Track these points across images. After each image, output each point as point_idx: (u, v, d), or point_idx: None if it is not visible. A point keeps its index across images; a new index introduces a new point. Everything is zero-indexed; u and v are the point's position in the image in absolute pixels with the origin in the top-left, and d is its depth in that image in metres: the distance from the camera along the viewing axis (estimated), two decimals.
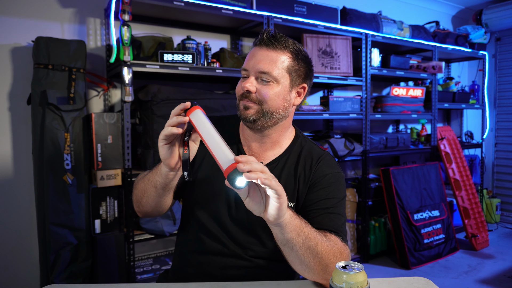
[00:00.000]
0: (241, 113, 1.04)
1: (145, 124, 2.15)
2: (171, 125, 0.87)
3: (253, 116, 1.02)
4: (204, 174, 1.09)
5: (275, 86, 1.02)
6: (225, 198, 1.06)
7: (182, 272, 1.10)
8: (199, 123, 0.87)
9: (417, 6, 4.05)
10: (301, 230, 0.84)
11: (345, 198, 1.07)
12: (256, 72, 1.01)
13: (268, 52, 1.02)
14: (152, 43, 2.27)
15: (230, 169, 0.76)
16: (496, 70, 4.53)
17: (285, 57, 1.02)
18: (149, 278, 2.20)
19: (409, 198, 3.12)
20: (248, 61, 1.03)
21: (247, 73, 1.03)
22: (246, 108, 1.03)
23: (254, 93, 1.01)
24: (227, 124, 1.17)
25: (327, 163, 1.08)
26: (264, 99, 1.01)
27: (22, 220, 2.16)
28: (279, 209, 0.79)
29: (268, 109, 1.02)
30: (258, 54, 1.02)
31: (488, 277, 2.83)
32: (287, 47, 1.03)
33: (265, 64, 1.00)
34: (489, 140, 4.52)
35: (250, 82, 1.01)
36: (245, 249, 1.05)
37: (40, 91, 1.94)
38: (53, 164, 1.95)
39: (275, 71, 1.00)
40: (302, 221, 0.86)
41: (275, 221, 0.81)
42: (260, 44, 1.03)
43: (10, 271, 2.14)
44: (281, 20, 2.56)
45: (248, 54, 1.06)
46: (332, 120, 3.34)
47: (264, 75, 1.00)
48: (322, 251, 0.86)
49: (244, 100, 1.03)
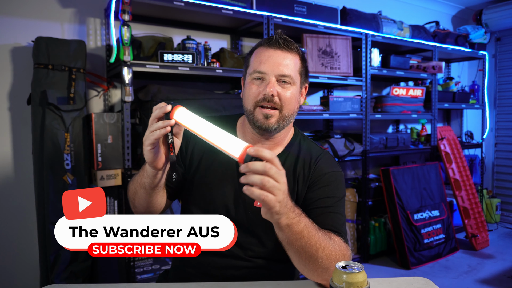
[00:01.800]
0: (260, 123, 1.01)
1: (145, 124, 2.15)
2: (156, 130, 0.85)
3: (275, 125, 1.01)
4: (201, 174, 1.09)
5: (293, 88, 1.02)
6: (223, 198, 1.06)
7: (181, 272, 1.10)
8: (189, 121, 0.85)
9: (417, 6, 4.05)
10: (301, 236, 0.82)
11: (344, 197, 1.07)
12: (276, 75, 0.99)
13: (285, 54, 1.01)
14: (152, 43, 2.27)
15: (242, 157, 0.75)
16: (496, 70, 4.53)
17: (297, 59, 1.04)
18: (149, 278, 2.20)
19: (409, 198, 3.12)
20: (264, 64, 1.00)
21: (265, 75, 1.00)
22: (268, 117, 1.00)
23: (277, 97, 0.99)
24: (224, 124, 1.15)
25: (326, 161, 1.08)
26: (285, 103, 1.00)
27: (22, 220, 2.16)
28: (265, 212, 0.78)
29: (287, 113, 1.02)
30: (275, 56, 1.00)
31: (488, 277, 2.83)
32: (297, 50, 1.04)
33: (285, 66, 1.00)
34: (489, 140, 4.52)
35: (273, 86, 0.99)
36: (244, 250, 1.04)
37: (40, 91, 1.94)
38: (53, 164, 1.95)
39: (293, 73, 1.01)
40: (306, 227, 0.83)
41: (268, 219, 0.80)
42: (275, 46, 1.01)
43: (10, 271, 2.14)
44: (281, 20, 2.56)
45: (256, 55, 1.03)
46: (332, 120, 3.34)
47: (286, 78, 1.00)
48: (322, 256, 0.85)
49: (264, 107, 1.00)
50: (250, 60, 1.06)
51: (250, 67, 1.05)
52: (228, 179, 1.06)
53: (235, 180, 1.06)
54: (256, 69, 1.01)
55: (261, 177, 0.73)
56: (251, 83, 1.03)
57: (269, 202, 0.74)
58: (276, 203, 0.75)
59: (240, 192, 1.04)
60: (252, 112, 1.02)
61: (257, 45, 1.07)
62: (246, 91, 1.04)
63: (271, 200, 0.74)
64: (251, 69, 1.03)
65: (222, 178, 1.07)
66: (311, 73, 2.74)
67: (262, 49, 1.03)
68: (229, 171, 1.07)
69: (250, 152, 0.74)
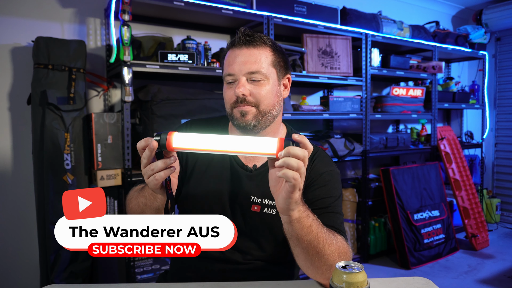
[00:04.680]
0: (238, 121, 1.00)
1: (145, 124, 2.15)
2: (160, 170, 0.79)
3: (253, 121, 0.99)
4: (196, 181, 1.07)
5: (266, 83, 1.00)
6: (220, 204, 1.04)
7: (180, 277, 1.09)
8: (195, 144, 0.78)
9: (417, 6, 4.05)
10: (310, 230, 0.83)
11: (341, 196, 1.06)
12: (245, 74, 0.98)
13: (250, 51, 0.99)
14: (152, 43, 2.27)
15: (281, 147, 0.75)
16: (496, 70, 4.53)
17: (267, 52, 1.01)
18: (149, 278, 2.20)
19: (409, 198, 3.12)
20: (231, 65, 0.99)
21: (234, 77, 0.99)
22: (244, 115, 0.99)
23: (249, 96, 0.98)
24: (215, 125, 1.14)
25: (322, 160, 1.07)
26: (260, 99, 0.99)
27: (22, 220, 2.16)
28: (284, 201, 0.77)
29: (265, 108, 1.00)
30: (241, 55, 0.99)
31: (488, 277, 2.83)
32: (266, 42, 1.01)
33: (252, 63, 0.98)
34: (489, 140, 4.52)
35: (243, 86, 0.97)
36: (243, 254, 1.03)
37: (40, 91, 1.94)
38: (53, 164, 1.95)
39: (264, 68, 0.99)
40: (313, 221, 0.84)
41: (283, 211, 0.79)
42: (239, 45, 1.00)
43: (10, 271, 2.14)
44: (281, 20, 2.56)
45: (226, 59, 1.02)
46: (332, 120, 3.34)
47: (255, 75, 0.98)
48: (328, 252, 0.85)
49: (239, 106, 0.99)
50: (223, 65, 1.05)
51: (223, 72, 1.04)
52: (224, 184, 1.05)
53: (230, 185, 1.05)
54: (226, 72, 1.00)
55: (298, 161, 0.73)
56: (226, 87, 1.03)
57: (297, 185, 0.74)
58: (298, 190, 0.76)
59: (236, 197, 1.04)
60: (231, 114, 1.02)
61: (226, 49, 1.05)
62: (224, 97, 1.04)
63: (298, 184, 0.74)
64: (223, 74, 1.03)
65: (218, 183, 1.05)
66: (311, 73, 2.74)
67: (230, 51, 1.02)
68: (224, 176, 1.06)
69: (296, 138, 0.75)
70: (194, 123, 1.15)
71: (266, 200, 1.03)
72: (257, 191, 1.03)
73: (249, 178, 1.05)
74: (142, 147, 0.80)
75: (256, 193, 1.03)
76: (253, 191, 1.03)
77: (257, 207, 1.03)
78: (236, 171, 1.06)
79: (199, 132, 0.85)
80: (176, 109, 2.15)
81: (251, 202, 1.03)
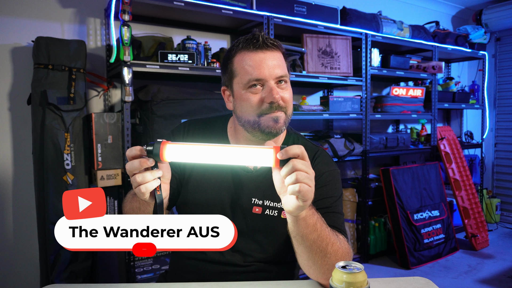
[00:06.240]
0: (271, 128, 0.95)
1: (145, 124, 2.15)
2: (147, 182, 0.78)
3: (283, 126, 0.97)
4: (195, 183, 1.05)
5: (289, 87, 1.00)
6: (220, 207, 1.03)
7: (179, 278, 1.08)
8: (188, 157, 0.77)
9: (417, 6, 4.05)
10: (314, 229, 0.83)
11: (342, 195, 1.06)
12: (274, 78, 0.95)
13: (274, 54, 0.97)
14: (152, 43, 2.27)
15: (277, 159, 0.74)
16: (496, 70, 4.53)
17: (283, 56, 1.01)
18: (149, 278, 2.20)
19: (409, 198, 3.12)
20: (259, 69, 0.94)
21: (262, 82, 0.94)
22: (277, 121, 0.95)
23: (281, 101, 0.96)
24: (214, 125, 1.12)
25: (323, 160, 1.06)
26: (288, 103, 0.97)
27: (22, 220, 2.16)
28: (300, 206, 0.76)
29: (290, 113, 0.99)
30: (267, 59, 0.95)
31: (488, 277, 2.83)
32: (281, 45, 1.00)
33: (280, 67, 0.96)
34: (489, 140, 4.52)
35: (277, 90, 0.94)
36: (244, 256, 1.03)
37: (40, 91, 1.94)
38: (53, 164, 1.95)
39: (286, 72, 0.99)
40: (318, 220, 0.84)
41: (295, 213, 0.79)
42: (264, 47, 0.96)
43: (10, 271, 2.14)
44: (281, 20, 2.56)
45: (245, 62, 0.96)
46: (332, 120, 3.34)
47: (284, 78, 0.97)
48: (331, 251, 0.85)
49: (273, 112, 0.94)
50: (234, 68, 0.98)
51: (239, 77, 0.97)
52: (224, 186, 1.04)
53: (231, 187, 1.04)
54: (252, 77, 0.94)
55: (303, 162, 0.73)
56: (248, 93, 0.95)
57: (309, 192, 0.73)
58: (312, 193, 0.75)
59: (237, 199, 1.03)
60: (257, 121, 0.95)
61: (236, 50, 0.99)
62: (244, 103, 0.96)
63: (309, 191, 0.73)
64: (243, 79, 0.95)
65: (218, 186, 1.04)
66: (311, 73, 2.74)
67: (248, 53, 0.96)
68: (224, 178, 1.04)
69: (282, 157, 0.73)
70: (193, 124, 1.13)
71: (268, 201, 1.02)
72: (258, 192, 1.03)
73: (250, 180, 1.04)
74: (132, 156, 0.77)
75: (257, 194, 1.02)
76: (254, 193, 1.03)
77: (258, 208, 1.02)
78: (236, 172, 1.05)
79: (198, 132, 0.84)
80: (176, 109, 2.15)
81: (252, 204, 1.03)
